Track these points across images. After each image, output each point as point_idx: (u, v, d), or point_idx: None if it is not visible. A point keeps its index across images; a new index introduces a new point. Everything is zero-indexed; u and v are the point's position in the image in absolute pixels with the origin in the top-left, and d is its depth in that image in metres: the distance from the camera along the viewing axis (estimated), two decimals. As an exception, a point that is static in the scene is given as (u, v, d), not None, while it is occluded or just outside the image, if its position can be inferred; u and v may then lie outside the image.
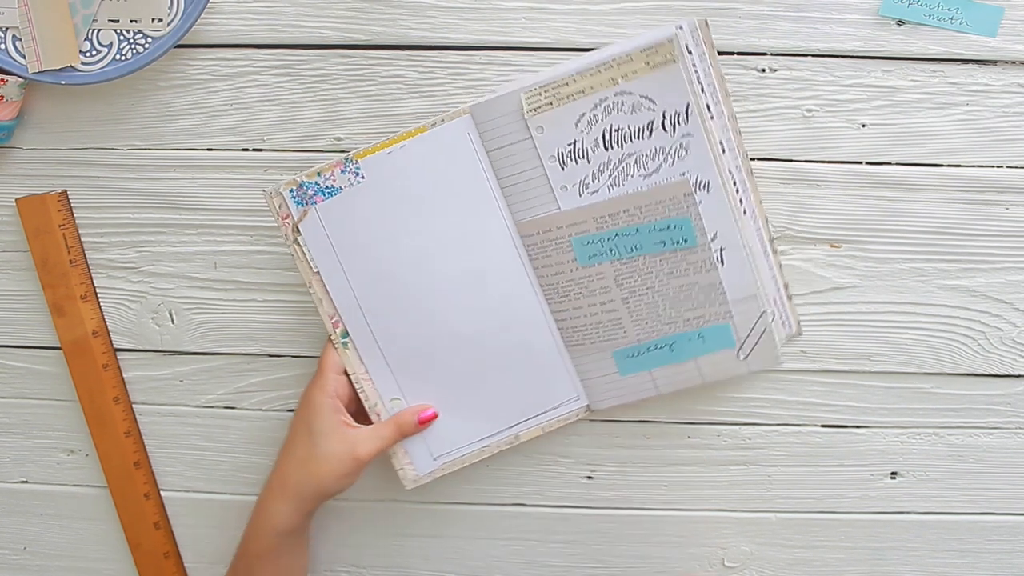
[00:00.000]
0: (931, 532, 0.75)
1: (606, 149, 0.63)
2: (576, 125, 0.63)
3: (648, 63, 0.61)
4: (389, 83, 0.67)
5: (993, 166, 0.67)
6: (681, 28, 0.61)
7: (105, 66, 0.65)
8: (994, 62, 0.66)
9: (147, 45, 0.64)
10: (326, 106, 0.67)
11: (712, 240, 0.65)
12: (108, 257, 0.71)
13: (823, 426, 0.73)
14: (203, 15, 0.64)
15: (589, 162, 0.64)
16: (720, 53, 0.66)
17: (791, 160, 0.67)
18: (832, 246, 0.69)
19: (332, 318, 0.65)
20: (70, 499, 0.77)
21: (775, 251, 0.69)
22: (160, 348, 0.73)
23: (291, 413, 0.74)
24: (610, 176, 0.64)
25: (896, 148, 0.67)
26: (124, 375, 0.73)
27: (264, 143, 0.68)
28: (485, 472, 0.74)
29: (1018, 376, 0.71)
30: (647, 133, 0.63)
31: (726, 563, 0.76)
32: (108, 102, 0.68)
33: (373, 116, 0.67)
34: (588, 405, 0.71)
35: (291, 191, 0.63)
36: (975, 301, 0.70)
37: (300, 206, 0.63)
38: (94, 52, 0.64)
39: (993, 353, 0.71)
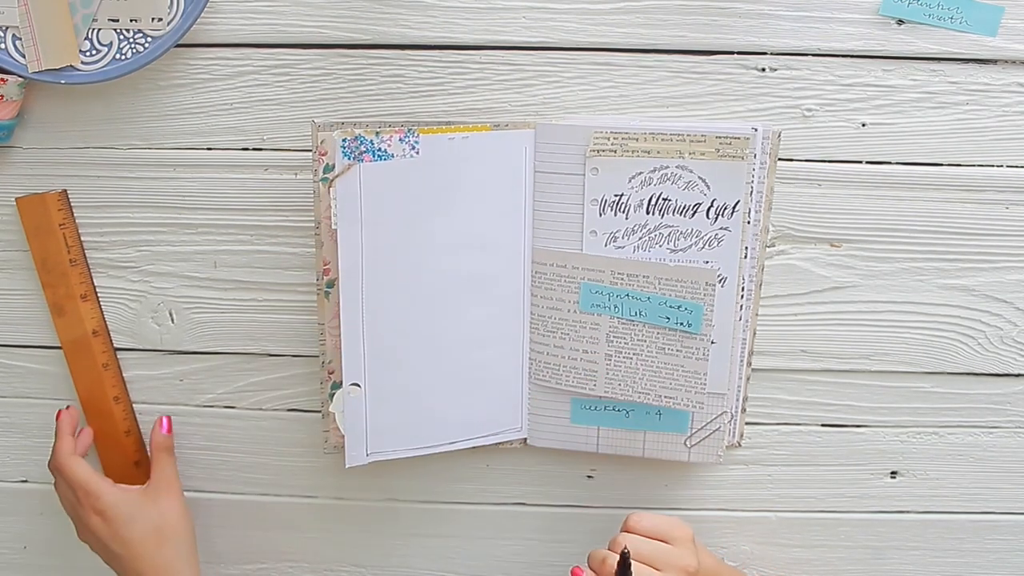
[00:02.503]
0: (931, 531, 0.75)
1: (647, 213, 0.65)
2: (629, 180, 0.65)
3: (718, 151, 0.63)
4: (389, 83, 0.67)
5: (993, 165, 0.67)
6: (756, 131, 0.64)
7: (105, 66, 0.65)
8: (994, 61, 0.66)
9: (147, 45, 0.64)
10: (326, 106, 0.67)
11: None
12: (108, 257, 0.71)
13: (823, 426, 0.73)
14: (203, 15, 0.63)
15: (627, 218, 0.65)
16: (720, 53, 0.66)
17: (791, 160, 0.67)
18: (832, 245, 0.69)
19: (325, 264, 0.65)
20: (70, 499, 0.77)
21: (750, 364, 0.70)
22: (160, 348, 0.73)
23: (291, 413, 0.74)
24: (640, 239, 0.66)
25: (896, 148, 0.67)
26: (124, 374, 0.73)
27: (264, 143, 0.68)
28: (485, 472, 0.74)
29: (1018, 375, 0.71)
30: (690, 213, 0.65)
31: (726, 562, 0.76)
32: (108, 102, 0.68)
33: (373, 116, 0.67)
34: (526, 439, 0.71)
35: (344, 140, 0.62)
36: (975, 300, 0.70)
37: (346, 159, 0.62)
38: (94, 52, 0.64)
39: (993, 352, 0.71)
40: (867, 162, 0.68)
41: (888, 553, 0.75)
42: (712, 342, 0.66)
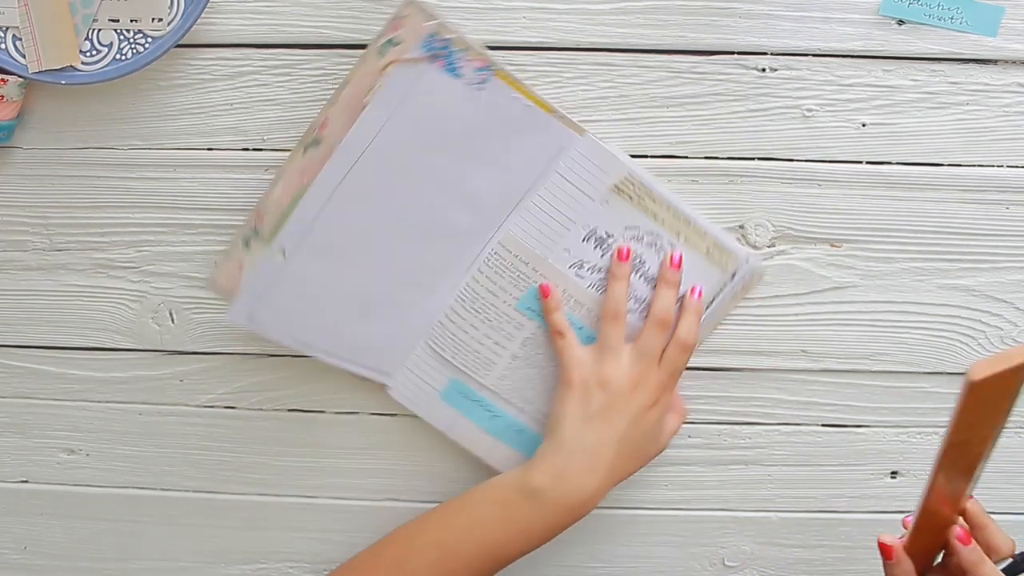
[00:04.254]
0: (931, 532, 0.75)
1: None
2: (626, 229, 0.66)
3: (708, 251, 0.66)
4: (389, 83, 0.67)
5: (993, 166, 0.67)
6: (748, 261, 0.67)
7: (105, 66, 0.65)
8: (994, 62, 0.66)
9: (147, 45, 0.64)
10: (326, 106, 0.67)
11: None
12: (108, 257, 0.71)
13: (823, 426, 0.73)
14: (203, 15, 0.64)
15: (601, 258, 0.67)
16: (720, 53, 0.66)
17: (791, 160, 0.67)
18: (832, 246, 0.69)
19: (322, 126, 0.63)
20: (70, 499, 0.77)
21: None
22: (160, 348, 0.73)
23: (291, 413, 0.74)
24: (600, 281, 0.67)
25: (896, 148, 0.67)
26: (123, 375, 0.73)
27: (264, 143, 0.68)
28: (485, 471, 0.74)
29: (1018, 376, 0.71)
30: (653, 285, 0.67)
31: (726, 563, 0.76)
32: (108, 102, 0.68)
33: (373, 116, 0.67)
34: (389, 387, 0.70)
35: (432, 34, 0.59)
36: (975, 300, 0.70)
37: (425, 50, 0.60)
38: (94, 52, 0.64)
39: (993, 352, 0.71)
40: (867, 162, 0.68)
41: (888, 553, 0.75)
42: None
